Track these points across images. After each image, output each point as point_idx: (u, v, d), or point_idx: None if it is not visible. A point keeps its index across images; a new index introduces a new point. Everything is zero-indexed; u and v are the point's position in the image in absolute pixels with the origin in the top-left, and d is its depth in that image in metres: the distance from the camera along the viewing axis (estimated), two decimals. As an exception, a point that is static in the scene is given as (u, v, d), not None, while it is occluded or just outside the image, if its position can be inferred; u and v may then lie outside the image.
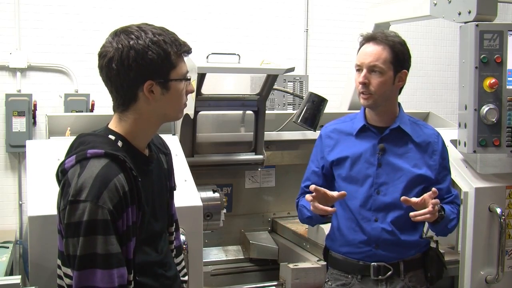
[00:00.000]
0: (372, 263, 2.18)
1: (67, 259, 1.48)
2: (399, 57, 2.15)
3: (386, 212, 2.18)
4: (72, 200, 1.43)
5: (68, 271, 1.51)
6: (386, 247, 2.17)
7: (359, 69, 2.19)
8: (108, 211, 1.43)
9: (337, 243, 2.27)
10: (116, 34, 1.55)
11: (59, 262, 1.57)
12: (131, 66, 1.50)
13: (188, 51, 1.61)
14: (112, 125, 1.63)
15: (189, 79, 1.62)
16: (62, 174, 1.55)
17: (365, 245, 2.19)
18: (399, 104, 2.28)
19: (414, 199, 2.04)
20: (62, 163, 1.56)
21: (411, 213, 2.04)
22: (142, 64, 1.51)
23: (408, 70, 2.21)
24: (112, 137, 1.58)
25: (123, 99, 1.57)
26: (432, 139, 2.25)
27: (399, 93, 2.27)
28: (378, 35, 2.18)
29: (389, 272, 2.17)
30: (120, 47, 1.51)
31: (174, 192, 1.89)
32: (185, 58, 1.65)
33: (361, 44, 2.22)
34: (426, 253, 2.26)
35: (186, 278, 1.96)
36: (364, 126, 2.24)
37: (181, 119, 2.91)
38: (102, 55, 1.55)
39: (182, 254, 1.99)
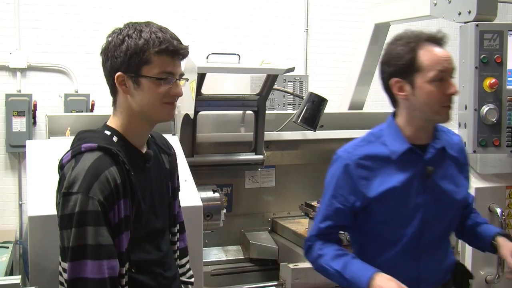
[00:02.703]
0: None
1: (62, 252, 1.51)
2: None
3: (436, 244, 1.90)
4: (65, 193, 1.48)
5: (66, 265, 1.52)
6: (431, 277, 1.91)
7: (442, 77, 1.77)
8: (98, 202, 1.46)
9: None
10: (114, 30, 1.64)
11: (59, 258, 1.59)
12: (108, 56, 1.59)
13: (171, 51, 1.58)
14: (109, 121, 1.67)
15: (165, 79, 1.58)
16: (60, 169, 1.59)
17: (409, 280, 1.76)
18: None
19: None
20: (61, 159, 1.61)
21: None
22: (114, 55, 1.57)
23: None
24: (108, 132, 1.62)
25: (110, 89, 1.65)
26: (460, 147, 1.98)
27: None
28: (442, 36, 1.84)
29: None
30: (109, 39, 1.61)
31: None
32: (185, 59, 1.65)
33: (422, 44, 1.80)
34: (455, 270, 2.02)
35: (192, 280, 1.97)
36: (410, 148, 1.84)
37: (181, 119, 2.91)
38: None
39: (188, 256, 1.99)
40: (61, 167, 1.59)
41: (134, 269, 1.59)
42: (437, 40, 1.83)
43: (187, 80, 1.72)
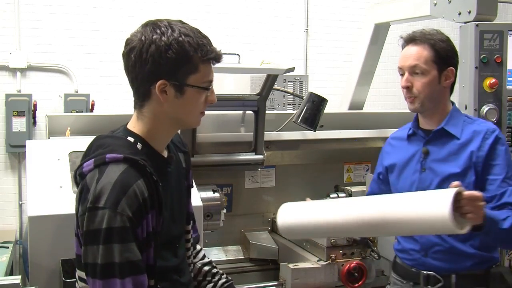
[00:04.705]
0: (423, 272, 2.09)
1: (84, 267, 1.43)
2: (441, 55, 2.05)
3: None
4: (91, 207, 1.40)
5: (83, 274, 1.48)
6: (435, 255, 2.07)
7: (401, 73, 2.11)
8: (127, 218, 1.38)
9: (397, 247, 2.24)
10: (146, 25, 1.51)
11: (77, 272, 1.54)
12: (148, 61, 1.46)
13: (215, 58, 1.55)
14: (131, 125, 1.58)
15: (209, 89, 1.56)
16: (80, 177, 1.50)
17: (416, 252, 2.12)
18: (453, 103, 2.17)
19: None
20: (80, 166, 1.51)
21: None
22: (158, 61, 1.46)
23: (455, 67, 2.11)
24: (131, 139, 1.53)
25: (138, 93, 1.54)
26: (481, 135, 2.04)
27: (451, 91, 2.16)
28: (417, 35, 2.08)
29: (439, 284, 2.05)
30: (143, 39, 1.47)
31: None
32: None
33: (402, 47, 2.14)
34: (489, 270, 2.04)
35: (209, 259, 1.98)
36: (410, 129, 2.19)
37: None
38: (126, 43, 1.52)
39: (199, 245, 1.98)
40: (81, 174, 1.49)
41: (158, 281, 1.54)
42: (407, 40, 2.12)
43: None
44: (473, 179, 2.01)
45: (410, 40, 2.10)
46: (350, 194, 3.05)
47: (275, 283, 2.73)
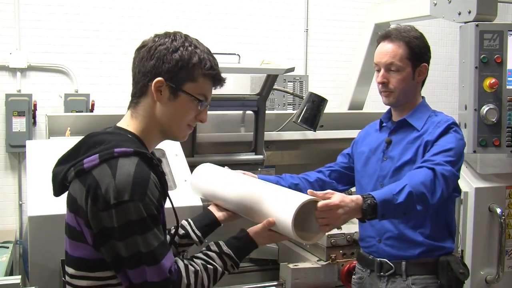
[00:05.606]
0: (377, 259, 2.18)
1: (116, 260, 1.43)
2: (415, 52, 2.13)
3: None
4: (116, 203, 1.39)
5: (88, 274, 1.48)
6: (388, 241, 2.15)
7: (378, 69, 2.19)
8: (154, 207, 1.44)
9: (359, 237, 2.34)
10: (164, 33, 1.60)
11: (70, 270, 1.53)
12: (153, 56, 1.54)
13: (216, 77, 1.60)
14: (124, 124, 1.60)
15: (202, 101, 1.59)
16: (77, 175, 1.47)
17: (371, 238, 2.21)
18: (423, 97, 2.26)
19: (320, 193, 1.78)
20: (78, 163, 1.48)
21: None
22: (163, 59, 1.53)
23: (428, 63, 2.18)
24: (129, 135, 1.56)
25: (136, 88, 1.58)
26: (435, 124, 2.13)
27: (422, 85, 2.25)
28: (393, 32, 2.15)
29: (391, 271, 2.13)
30: (156, 40, 1.56)
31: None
32: None
33: (378, 43, 2.21)
34: (438, 259, 2.10)
35: None
36: (381, 121, 2.30)
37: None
38: (142, 42, 1.61)
39: None
40: (79, 172, 1.46)
41: None
42: (382, 37, 2.18)
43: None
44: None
45: (386, 36, 2.17)
46: (349, 193, 3.05)
47: (275, 283, 2.73)
